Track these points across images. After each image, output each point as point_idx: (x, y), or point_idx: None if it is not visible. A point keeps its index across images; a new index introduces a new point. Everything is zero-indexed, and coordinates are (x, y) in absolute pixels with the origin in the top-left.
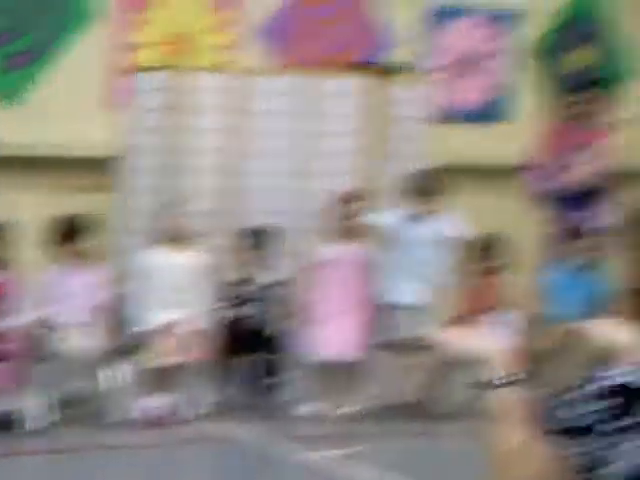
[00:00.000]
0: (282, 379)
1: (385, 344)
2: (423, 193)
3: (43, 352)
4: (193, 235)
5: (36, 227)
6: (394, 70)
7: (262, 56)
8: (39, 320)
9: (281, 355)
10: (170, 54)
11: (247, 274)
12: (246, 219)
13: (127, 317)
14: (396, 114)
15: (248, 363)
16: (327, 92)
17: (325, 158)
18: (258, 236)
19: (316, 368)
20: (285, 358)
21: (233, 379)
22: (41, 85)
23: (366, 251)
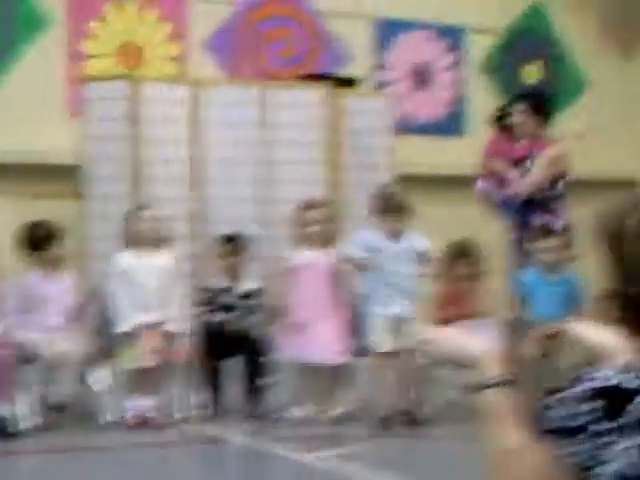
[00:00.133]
0: (268, 382)
1: (366, 350)
2: (396, 210)
3: (27, 356)
4: (163, 239)
5: (4, 233)
6: (348, 82)
7: (212, 67)
8: (19, 326)
9: (266, 358)
10: (121, 64)
11: (226, 280)
12: (211, 227)
13: (105, 320)
14: (351, 126)
15: (233, 366)
16: (280, 103)
17: (285, 167)
18: (235, 242)
19: (301, 371)
20: (270, 361)
21: (219, 381)
22: None
23: (337, 256)
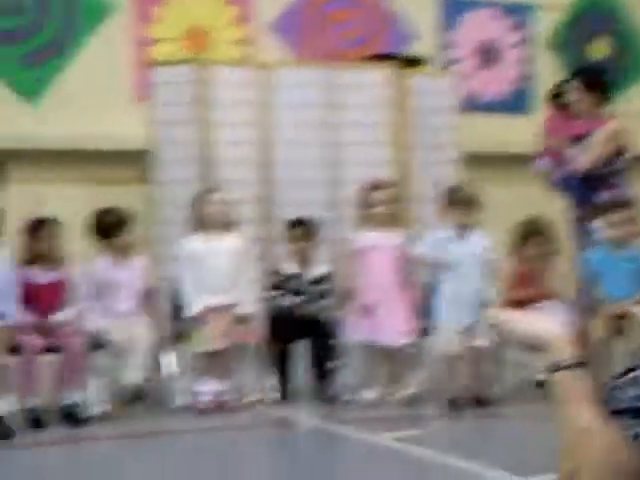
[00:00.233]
0: (337, 364)
1: (434, 330)
2: (464, 204)
3: (98, 342)
4: (231, 222)
5: (70, 219)
6: (415, 62)
7: (279, 50)
8: (90, 312)
9: (335, 341)
10: (187, 48)
11: (296, 265)
12: (278, 209)
13: (175, 304)
14: (417, 105)
15: (303, 349)
16: (346, 84)
17: (351, 148)
18: (305, 227)
19: (369, 353)
20: (339, 344)
21: (289, 364)
22: (62, 80)
23: (404, 238)
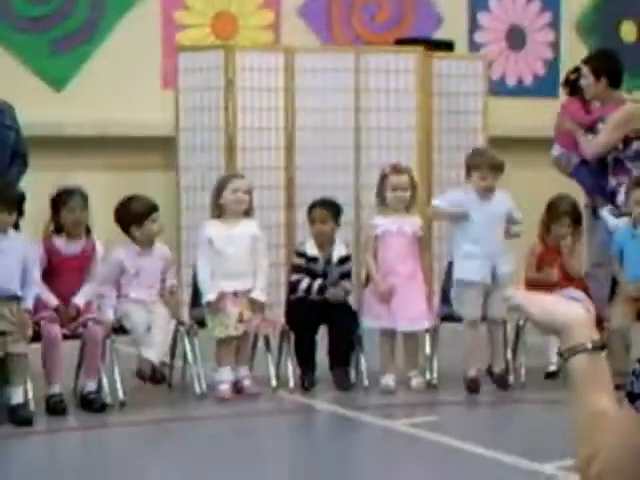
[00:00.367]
0: (357, 350)
1: (453, 315)
2: (491, 168)
3: (119, 329)
4: (251, 209)
5: (95, 206)
6: (442, 45)
7: (305, 35)
8: (112, 298)
9: (354, 326)
10: (214, 34)
11: (318, 247)
12: (305, 195)
13: (196, 290)
14: (445, 89)
15: (323, 334)
16: (374, 69)
17: (377, 133)
18: (329, 207)
19: (388, 339)
20: (358, 329)
21: (309, 350)
22: (90, 66)
23: (421, 223)
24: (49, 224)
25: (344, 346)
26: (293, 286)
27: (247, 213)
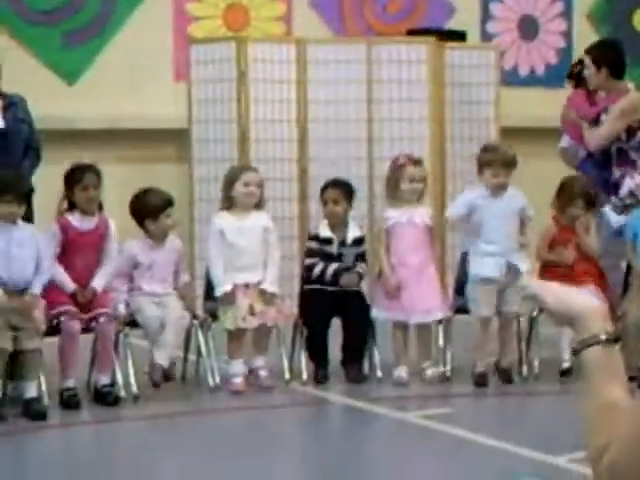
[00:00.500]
0: (369, 342)
1: (466, 308)
2: (504, 165)
3: (132, 322)
4: (262, 201)
5: (108, 199)
6: (454, 36)
7: (317, 26)
8: (125, 291)
9: (367, 318)
10: (226, 26)
11: (331, 229)
12: (316, 187)
13: (209, 283)
14: (458, 79)
15: (336, 326)
16: (386, 60)
17: (389, 124)
18: (342, 188)
19: (400, 331)
20: (371, 321)
21: (323, 342)
22: (102, 59)
23: (431, 214)
24: (62, 201)
25: (357, 341)
26: (307, 270)
27: (258, 205)
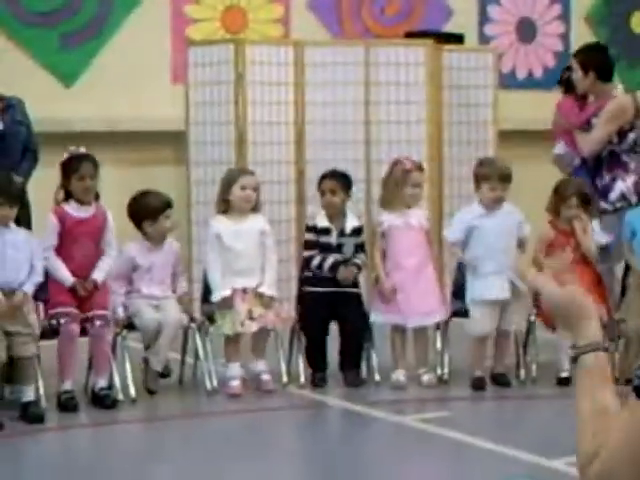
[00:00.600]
0: (367, 345)
1: (464, 311)
2: (501, 179)
3: (129, 325)
4: (259, 204)
5: (106, 201)
6: (452, 38)
7: (315, 28)
8: (123, 294)
9: (365, 322)
10: (224, 28)
11: (329, 219)
12: (314, 189)
13: (206, 286)
14: (455, 82)
15: (333, 329)
16: (384, 62)
17: (387, 127)
18: (340, 179)
19: (398, 334)
20: (368, 325)
21: (320, 346)
22: (99, 61)
23: (427, 217)
24: (59, 190)
25: (355, 345)
26: (305, 263)
27: (254, 209)
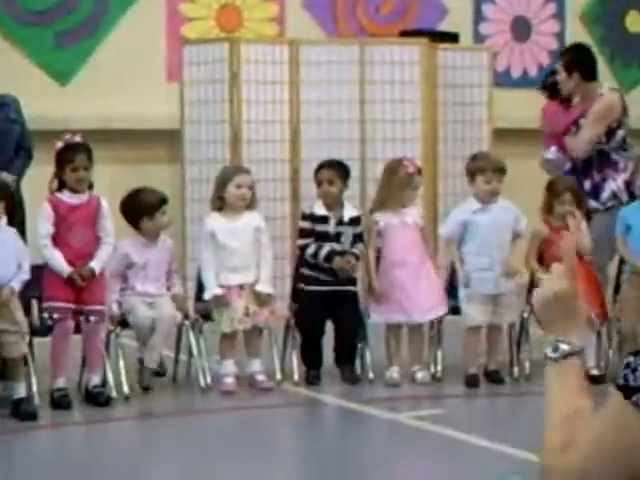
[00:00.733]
0: (362, 343)
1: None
2: (495, 171)
3: (124, 322)
4: (254, 202)
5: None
6: (447, 37)
7: (310, 27)
8: (117, 291)
9: (360, 319)
10: (219, 26)
11: (327, 208)
12: (308, 187)
13: (201, 285)
14: (450, 81)
15: (329, 327)
16: (379, 61)
17: (382, 125)
18: (337, 168)
19: (393, 332)
20: (364, 323)
21: (315, 343)
22: (94, 60)
23: (421, 216)
24: (53, 180)
25: (350, 344)
26: (300, 251)
27: (249, 206)
